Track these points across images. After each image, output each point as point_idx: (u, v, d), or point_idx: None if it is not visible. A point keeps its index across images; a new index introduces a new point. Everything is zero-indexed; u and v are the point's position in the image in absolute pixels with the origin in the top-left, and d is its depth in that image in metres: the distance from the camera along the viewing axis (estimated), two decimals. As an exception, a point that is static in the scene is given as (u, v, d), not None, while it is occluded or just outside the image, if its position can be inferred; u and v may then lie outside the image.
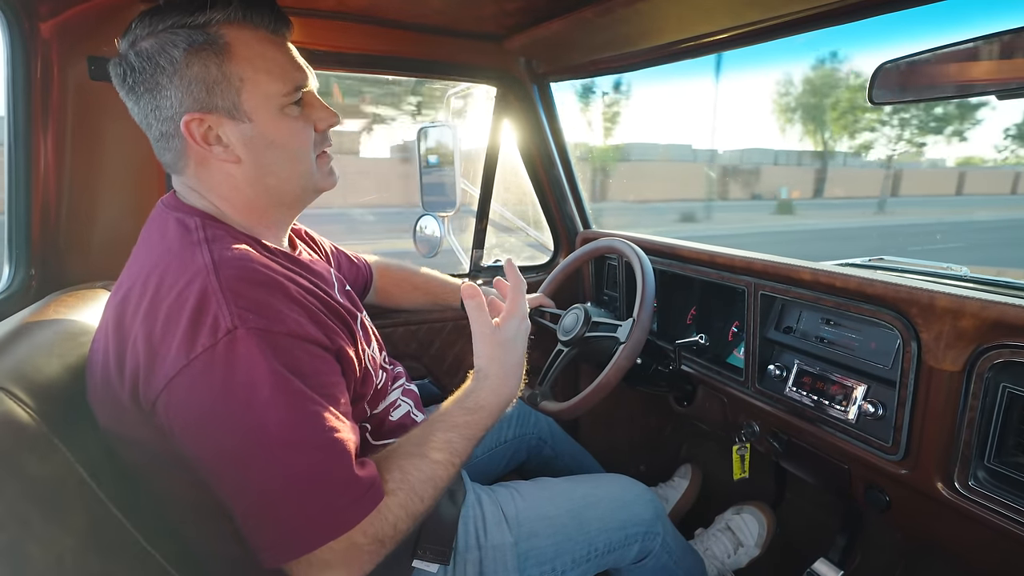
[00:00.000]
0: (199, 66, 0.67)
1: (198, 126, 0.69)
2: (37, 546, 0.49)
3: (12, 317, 0.78)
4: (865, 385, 0.93)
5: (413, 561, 0.82)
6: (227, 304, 0.60)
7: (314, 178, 0.78)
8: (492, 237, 1.66)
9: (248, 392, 0.58)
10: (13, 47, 0.91)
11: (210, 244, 0.66)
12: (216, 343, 0.58)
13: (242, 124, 0.70)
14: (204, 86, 0.68)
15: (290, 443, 0.59)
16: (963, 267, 1.14)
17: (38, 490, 0.52)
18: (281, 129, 0.72)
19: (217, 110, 0.69)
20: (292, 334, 0.63)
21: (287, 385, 0.60)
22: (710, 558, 1.34)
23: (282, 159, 0.73)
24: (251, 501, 0.60)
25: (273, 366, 0.59)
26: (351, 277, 1.15)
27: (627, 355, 0.95)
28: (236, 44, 0.68)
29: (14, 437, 0.53)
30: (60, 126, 1.00)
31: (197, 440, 0.60)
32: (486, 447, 1.24)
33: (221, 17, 0.68)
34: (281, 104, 0.71)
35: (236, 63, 0.68)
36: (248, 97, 0.69)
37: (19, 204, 0.98)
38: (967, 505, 0.79)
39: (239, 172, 0.72)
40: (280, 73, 0.71)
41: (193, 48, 0.66)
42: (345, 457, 0.62)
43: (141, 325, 0.61)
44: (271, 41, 0.71)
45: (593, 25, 1.14)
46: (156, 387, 0.59)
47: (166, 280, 0.63)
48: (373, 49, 1.29)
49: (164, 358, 0.59)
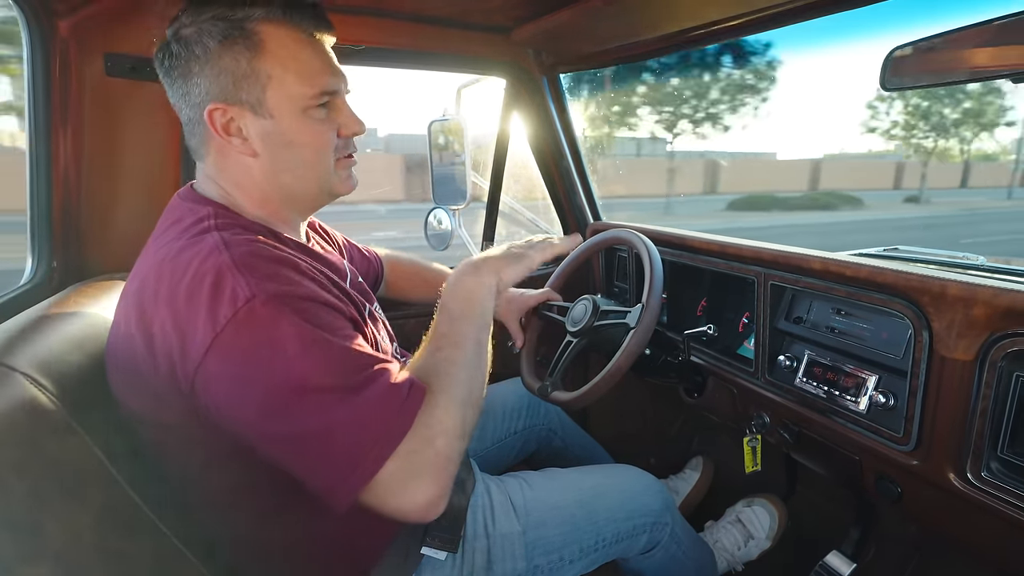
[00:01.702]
0: (230, 58, 0.69)
1: (221, 116, 0.71)
2: (56, 524, 0.51)
3: (35, 307, 0.80)
4: (876, 375, 0.92)
5: (422, 548, 0.83)
6: (242, 276, 0.61)
7: (330, 181, 0.79)
8: (502, 229, 1.67)
9: (276, 351, 0.60)
10: (33, 44, 0.94)
11: (220, 230, 0.68)
12: (236, 312, 0.60)
13: (263, 120, 0.71)
14: (232, 78, 0.69)
15: (326, 385, 0.61)
16: (979, 256, 1.12)
17: (58, 471, 0.54)
18: (302, 130, 0.73)
19: (241, 103, 0.71)
20: (309, 297, 0.65)
21: (311, 336, 0.62)
22: (720, 550, 1.34)
23: (299, 159, 0.75)
24: (305, 449, 0.62)
25: (295, 322, 0.61)
26: (363, 270, 1.16)
27: (637, 340, 0.95)
28: (270, 41, 0.70)
29: (36, 421, 0.56)
30: (79, 122, 1.03)
31: (239, 409, 0.62)
32: (496, 438, 1.25)
33: (261, 13, 0.69)
34: (305, 106, 0.72)
35: (266, 60, 0.70)
36: (273, 94, 0.71)
37: (40, 198, 1.01)
38: (980, 496, 0.78)
39: (256, 165, 0.74)
40: (309, 75, 0.72)
41: (227, 40, 0.69)
42: (382, 376, 0.64)
43: (165, 310, 0.63)
44: (307, 42, 0.72)
45: (602, 14, 1.14)
46: (192, 366, 0.61)
47: (180, 264, 0.65)
48: (382, 43, 1.30)
49: (193, 337, 0.60)
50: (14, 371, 0.58)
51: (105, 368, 0.71)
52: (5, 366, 0.58)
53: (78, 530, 0.53)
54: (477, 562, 0.86)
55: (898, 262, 0.96)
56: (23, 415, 0.55)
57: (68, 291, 0.89)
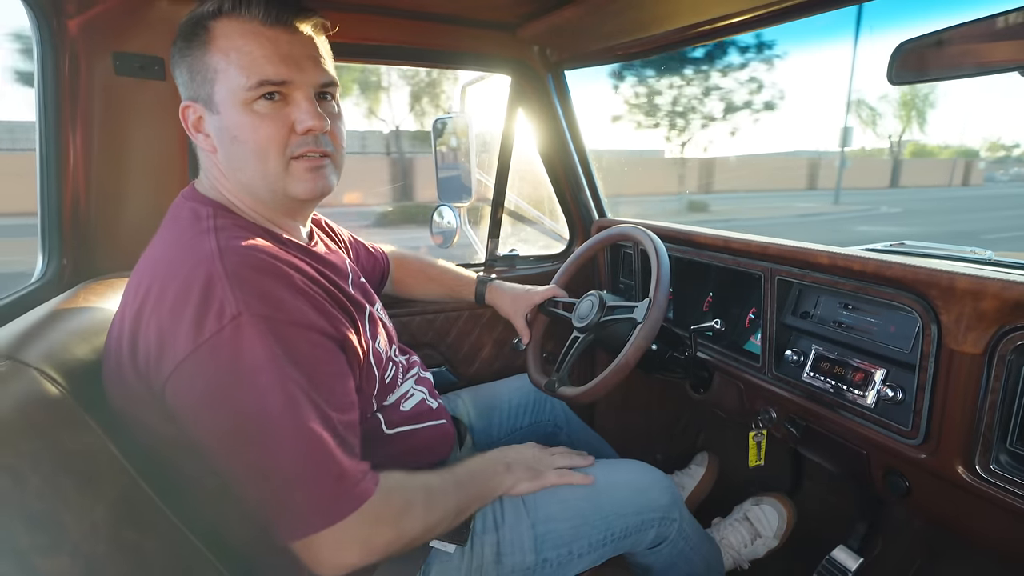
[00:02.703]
0: (190, 56, 0.71)
1: (191, 114, 0.73)
2: (72, 515, 0.52)
3: (45, 304, 0.81)
4: (884, 369, 0.92)
5: (432, 542, 0.83)
6: (232, 290, 0.61)
7: (281, 181, 0.74)
8: (507, 226, 1.67)
9: (249, 378, 0.60)
10: (43, 44, 0.94)
11: (217, 232, 0.68)
12: (222, 328, 0.60)
13: (215, 115, 0.72)
14: (190, 75, 0.71)
15: (283, 431, 0.61)
16: (987, 251, 1.12)
17: (72, 463, 0.55)
18: (242, 124, 0.70)
19: (199, 100, 0.72)
20: (295, 322, 0.64)
21: (284, 374, 0.61)
22: (726, 547, 1.34)
23: (245, 155, 0.72)
24: (252, 482, 0.63)
25: (274, 352, 0.61)
26: (368, 267, 1.17)
27: (645, 335, 0.95)
28: (219, 36, 0.70)
29: (50, 413, 0.56)
30: (88, 121, 1.03)
31: (200, 422, 0.62)
32: (502, 433, 1.25)
33: (213, 8, 0.70)
34: (244, 98, 0.69)
35: (213, 54, 0.70)
36: (219, 88, 0.70)
37: (50, 197, 1.02)
38: (989, 489, 0.78)
39: (219, 162, 0.75)
40: (248, 66, 0.68)
41: (188, 38, 0.70)
42: (332, 451, 0.64)
43: (152, 311, 0.63)
44: (256, 33, 0.70)
45: (606, 11, 1.14)
46: (165, 371, 0.61)
47: (173, 267, 0.65)
48: (387, 40, 1.30)
49: (173, 343, 0.61)
50: (27, 366, 0.59)
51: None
52: (18, 361, 0.59)
53: (94, 522, 0.53)
54: (486, 555, 0.87)
55: (905, 256, 0.96)
56: (36, 408, 0.56)
57: (78, 288, 0.90)
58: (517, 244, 1.70)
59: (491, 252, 1.62)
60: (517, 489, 0.92)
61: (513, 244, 1.67)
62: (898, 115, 24.72)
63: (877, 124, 24.73)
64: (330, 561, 0.65)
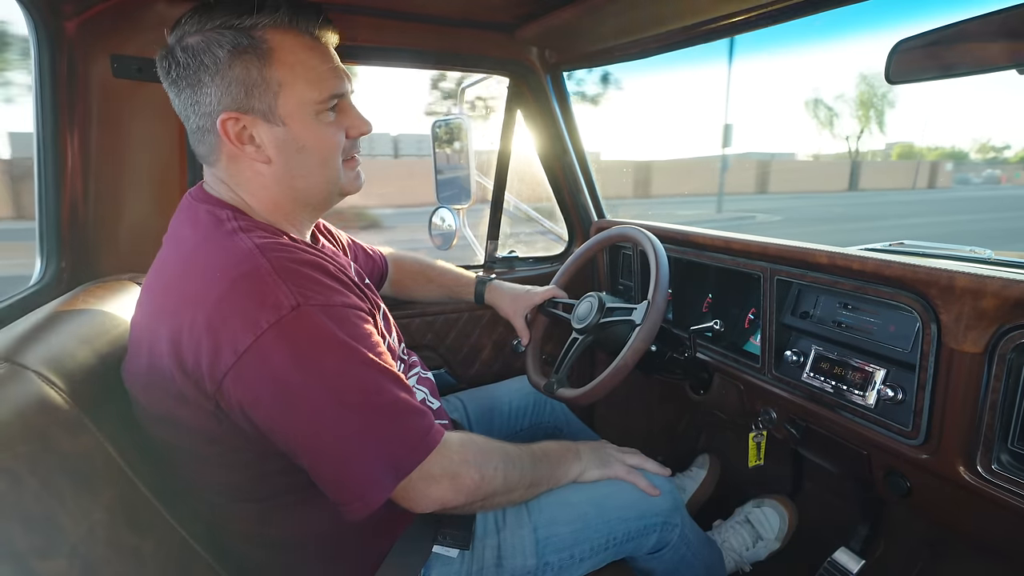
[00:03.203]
0: (241, 68, 0.69)
1: (234, 125, 0.71)
2: (69, 518, 0.51)
3: (44, 307, 0.81)
4: (884, 369, 0.92)
5: (434, 547, 0.83)
6: (285, 283, 0.63)
7: (340, 182, 0.80)
8: (506, 227, 1.67)
9: (318, 362, 0.63)
10: (40, 45, 0.94)
11: (246, 232, 0.69)
12: (281, 319, 0.61)
13: (276, 127, 0.72)
14: (244, 87, 0.69)
15: (362, 403, 0.66)
16: (987, 250, 1.12)
17: (70, 465, 0.55)
18: (313, 134, 0.74)
19: (253, 112, 0.71)
20: (345, 304, 0.68)
21: (351, 352, 0.66)
22: (728, 550, 1.33)
23: (311, 163, 0.75)
24: (327, 462, 0.66)
25: (338, 336, 0.65)
26: (368, 269, 1.17)
27: (643, 337, 0.95)
28: (279, 49, 0.70)
29: (48, 416, 0.56)
30: (86, 123, 1.03)
31: (274, 412, 0.63)
32: (502, 436, 1.22)
33: (268, 22, 0.69)
34: (316, 111, 0.73)
35: (277, 68, 0.70)
36: (284, 102, 0.71)
37: (49, 200, 1.01)
38: (990, 489, 0.78)
39: (268, 172, 0.75)
40: (318, 81, 0.72)
41: (237, 50, 0.68)
42: (408, 401, 0.70)
43: (195, 311, 0.63)
44: (313, 47, 0.73)
45: (605, 12, 1.14)
46: (223, 367, 0.61)
47: (211, 266, 0.65)
48: (385, 42, 1.30)
49: (228, 339, 0.61)
50: (25, 369, 0.59)
51: (115, 365, 0.72)
52: (16, 364, 0.59)
53: (92, 525, 0.53)
54: (487, 559, 0.86)
55: (904, 255, 0.96)
56: (35, 411, 0.55)
57: (77, 291, 0.89)
58: (516, 246, 1.70)
59: (490, 254, 1.62)
60: (587, 475, 0.96)
61: (512, 246, 1.67)
62: (856, 115, 23.97)
63: (834, 125, 23.72)
64: (427, 495, 0.72)
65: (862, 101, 23.21)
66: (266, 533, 0.75)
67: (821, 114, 23.18)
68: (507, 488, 0.81)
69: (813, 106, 22.63)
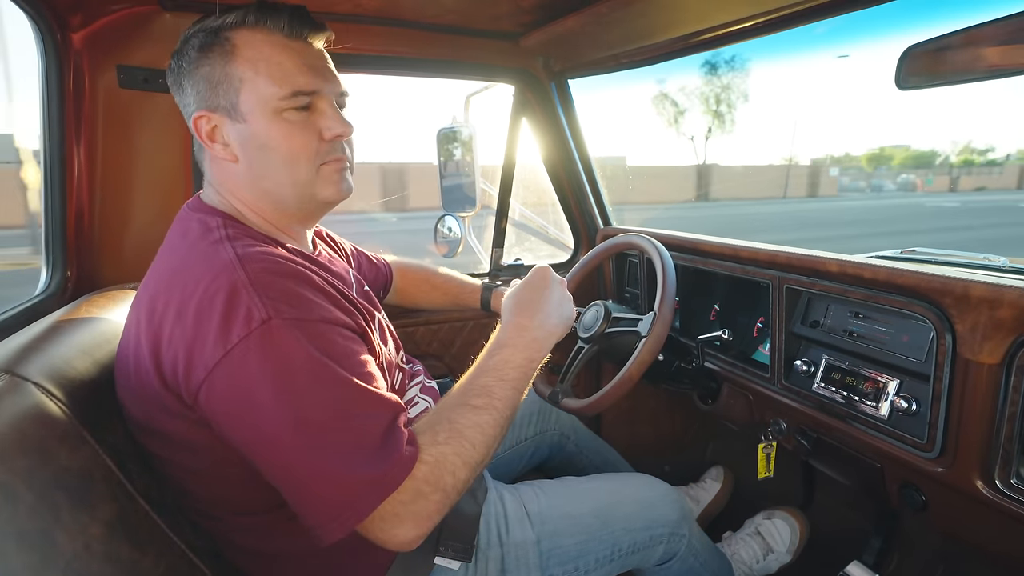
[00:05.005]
0: (207, 66, 0.71)
1: (205, 124, 0.72)
2: (65, 533, 0.51)
3: (47, 317, 0.81)
4: (897, 380, 0.90)
5: (435, 558, 0.82)
6: (258, 296, 0.61)
7: (312, 187, 0.76)
8: (512, 236, 1.66)
9: (286, 379, 0.60)
10: (47, 57, 0.95)
11: (232, 241, 0.68)
12: (250, 333, 0.60)
13: (239, 124, 0.72)
14: (209, 84, 0.71)
15: (329, 423, 0.61)
16: (1001, 257, 1.10)
17: (68, 480, 0.54)
18: (274, 132, 0.72)
19: (219, 109, 0.72)
20: (324, 319, 0.65)
21: (324, 370, 0.62)
22: (738, 563, 1.31)
23: (274, 163, 0.73)
24: (297, 481, 0.62)
25: (309, 352, 0.61)
26: (371, 277, 1.16)
27: (649, 349, 0.93)
28: (243, 46, 0.71)
29: (46, 429, 0.56)
30: (92, 133, 1.04)
31: (240, 428, 0.61)
32: (507, 444, 1.23)
33: (234, 20, 0.71)
34: (277, 107, 0.71)
35: (238, 64, 0.70)
36: (246, 98, 0.71)
37: (55, 210, 1.02)
38: (1009, 504, 0.75)
39: (239, 172, 0.75)
40: (281, 76, 0.71)
41: (204, 48, 0.71)
42: (385, 419, 0.64)
43: (174, 323, 0.63)
44: (282, 45, 0.72)
45: (609, 19, 1.13)
46: (196, 380, 0.61)
47: (192, 277, 0.65)
48: (390, 51, 1.30)
49: (201, 352, 0.60)
50: (25, 380, 0.58)
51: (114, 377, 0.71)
52: (16, 375, 0.58)
53: (87, 540, 0.52)
54: (491, 571, 0.85)
55: (917, 264, 0.94)
56: (33, 424, 0.55)
57: (80, 301, 0.89)
58: (522, 254, 1.69)
59: (495, 262, 1.61)
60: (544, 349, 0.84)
61: (517, 255, 1.66)
62: (707, 111, 20.26)
63: (680, 123, 19.85)
64: (394, 535, 0.63)
65: (707, 98, 19.24)
66: (266, 547, 0.74)
67: (667, 112, 19.50)
68: (477, 465, 0.70)
69: (657, 102, 19.50)
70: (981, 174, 37.31)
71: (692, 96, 20.12)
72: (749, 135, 40.61)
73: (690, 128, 20.89)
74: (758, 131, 49.64)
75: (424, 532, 0.65)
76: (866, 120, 49.93)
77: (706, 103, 20.54)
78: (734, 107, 20.80)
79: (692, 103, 20.30)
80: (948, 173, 36.76)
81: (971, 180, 34.64)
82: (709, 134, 21.06)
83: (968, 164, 40.37)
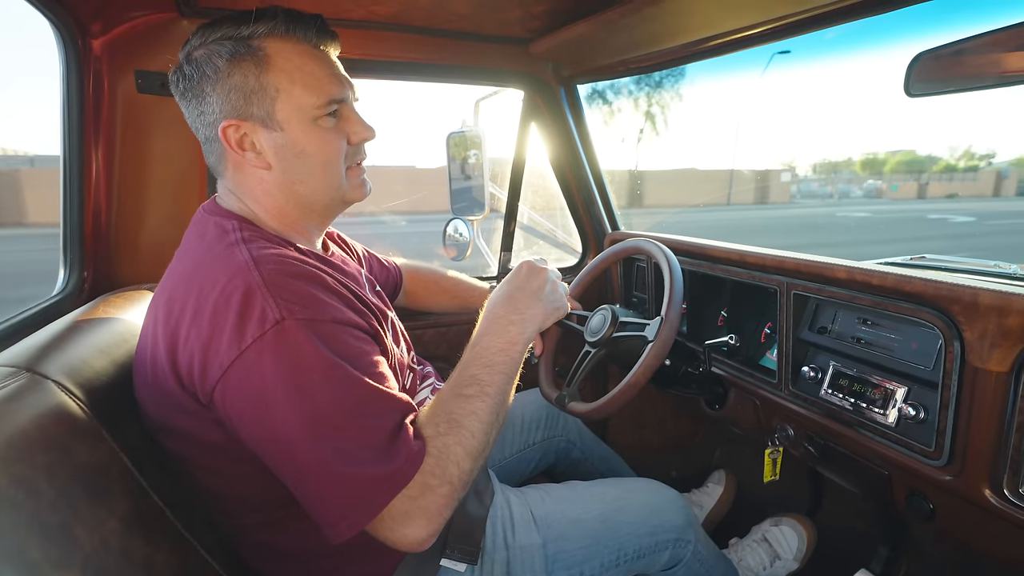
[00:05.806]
0: (239, 75, 0.71)
1: (234, 132, 0.73)
2: (84, 528, 0.52)
3: (65, 317, 0.82)
4: (905, 387, 0.90)
5: (441, 560, 0.82)
6: (272, 297, 0.63)
7: (343, 189, 0.80)
8: (520, 240, 1.67)
9: (299, 379, 0.61)
10: (68, 63, 0.97)
11: (247, 244, 0.69)
12: (264, 333, 0.61)
13: (274, 132, 0.73)
14: (242, 94, 0.71)
15: (341, 423, 0.63)
16: (1012, 265, 1.09)
17: (86, 476, 0.55)
18: (312, 139, 0.74)
19: (252, 118, 0.72)
20: (336, 320, 0.66)
21: (336, 370, 0.63)
22: (744, 569, 1.31)
23: (311, 168, 0.76)
24: (308, 480, 0.63)
25: (322, 353, 0.62)
26: (382, 280, 1.17)
27: (655, 354, 0.94)
28: (276, 56, 0.72)
29: (66, 427, 0.57)
30: (110, 137, 1.06)
31: (253, 426, 0.63)
32: (515, 449, 1.24)
33: (265, 30, 0.71)
34: (314, 116, 0.74)
35: (274, 74, 0.71)
36: (282, 107, 0.72)
37: (73, 211, 1.04)
38: (1018, 513, 0.75)
39: (270, 178, 0.76)
40: (316, 86, 0.73)
41: (235, 58, 0.71)
42: (395, 419, 0.66)
43: (191, 324, 0.64)
44: (312, 54, 0.74)
45: (619, 25, 1.14)
46: (212, 380, 0.62)
47: (208, 279, 0.66)
48: (401, 56, 1.32)
49: (216, 352, 0.62)
50: (45, 378, 0.60)
51: (132, 375, 0.73)
52: (37, 373, 0.60)
53: (106, 535, 0.53)
54: (496, 574, 0.86)
55: (926, 270, 0.94)
56: (53, 421, 0.56)
57: (97, 301, 0.91)
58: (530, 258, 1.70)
59: (503, 265, 1.62)
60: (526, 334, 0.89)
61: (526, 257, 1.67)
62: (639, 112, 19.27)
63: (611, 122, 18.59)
64: (405, 535, 0.64)
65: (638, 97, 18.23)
66: (277, 545, 0.75)
67: (602, 111, 18.41)
68: (478, 455, 0.71)
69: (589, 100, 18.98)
70: (955, 180, 36.23)
71: (621, 95, 18.90)
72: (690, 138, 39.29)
73: (622, 131, 20.03)
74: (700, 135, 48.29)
75: (435, 530, 0.65)
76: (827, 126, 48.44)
77: (636, 103, 19.56)
78: (667, 107, 19.65)
79: (623, 103, 19.27)
80: (916, 179, 35.97)
81: (941, 187, 33.36)
82: (641, 136, 20.13)
83: (951, 170, 39.66)
